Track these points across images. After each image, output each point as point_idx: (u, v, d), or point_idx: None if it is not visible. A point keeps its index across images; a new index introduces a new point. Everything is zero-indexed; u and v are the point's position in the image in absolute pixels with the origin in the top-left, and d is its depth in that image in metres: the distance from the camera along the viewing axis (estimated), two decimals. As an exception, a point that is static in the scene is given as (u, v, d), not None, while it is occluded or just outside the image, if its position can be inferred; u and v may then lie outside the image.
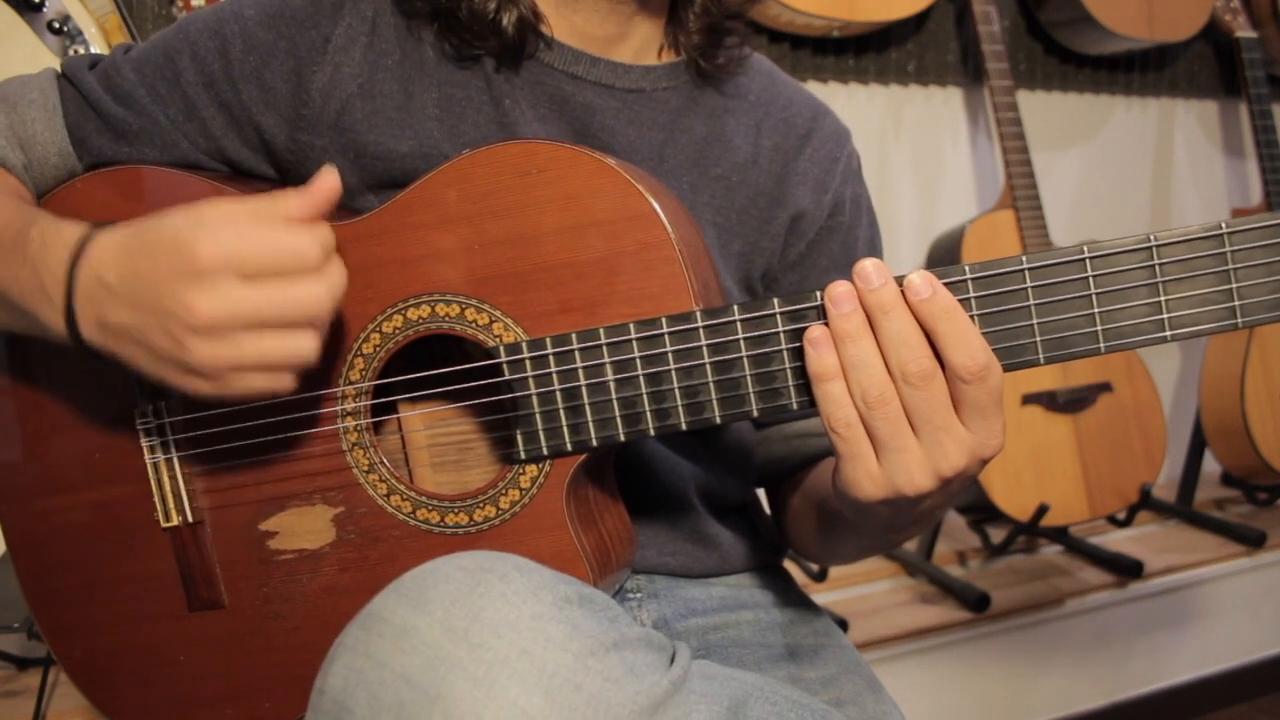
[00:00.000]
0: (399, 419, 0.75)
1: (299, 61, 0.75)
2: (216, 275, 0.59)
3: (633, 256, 0.65)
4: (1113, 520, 1.92)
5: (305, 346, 0.61)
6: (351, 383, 0.71)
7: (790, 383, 0.63)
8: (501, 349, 0.67)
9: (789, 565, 1.01)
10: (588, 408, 0.66)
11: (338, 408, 0.71)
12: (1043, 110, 2.15)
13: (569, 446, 0.67)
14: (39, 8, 1.24)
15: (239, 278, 0.59)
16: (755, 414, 0.64)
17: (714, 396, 0.64)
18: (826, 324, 0.60)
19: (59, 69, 0.80)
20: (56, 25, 1.24)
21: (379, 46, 0.76)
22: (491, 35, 0.75)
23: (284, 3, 0.76)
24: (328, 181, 0.63)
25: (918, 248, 2.05)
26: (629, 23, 0.79)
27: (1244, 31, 2.07)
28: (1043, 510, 1.75)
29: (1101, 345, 0.60)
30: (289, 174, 0.79)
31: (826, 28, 1.80)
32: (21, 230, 0.67)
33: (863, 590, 1.82)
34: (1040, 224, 1.83)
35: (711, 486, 0.84)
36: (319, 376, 0.71)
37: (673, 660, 0.56)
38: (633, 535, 0.76)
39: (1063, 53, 2.13)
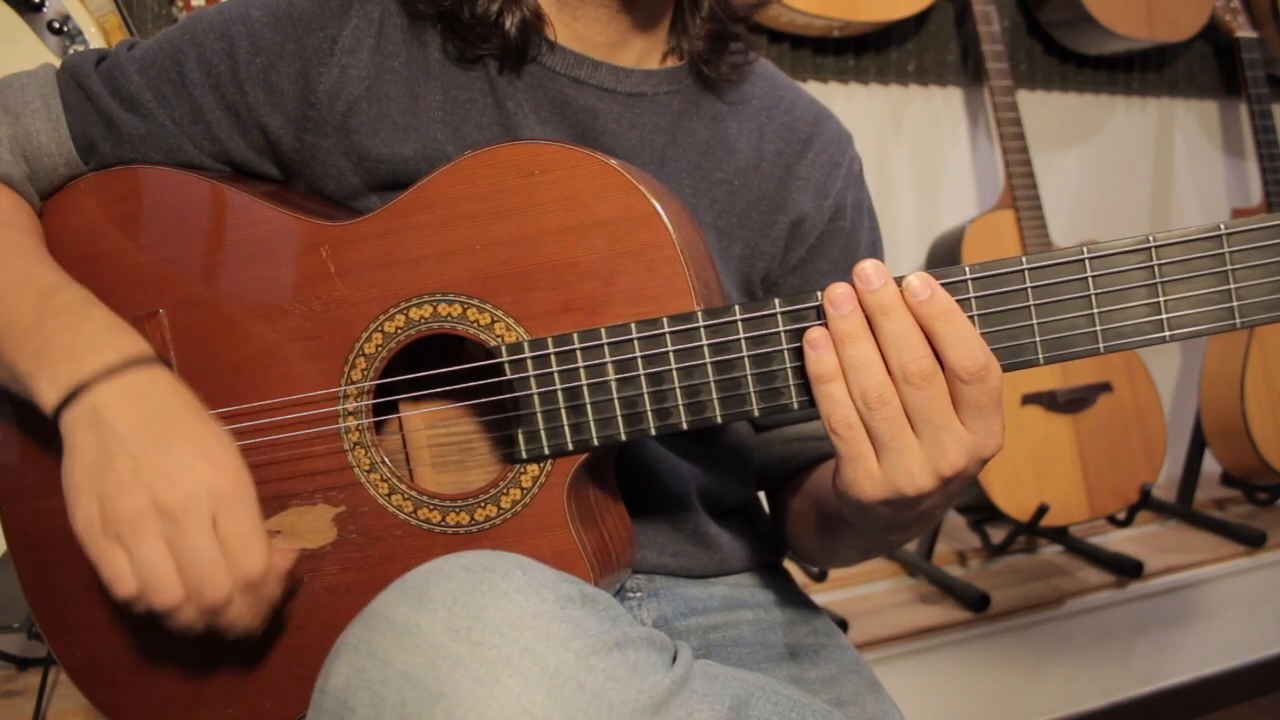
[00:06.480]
0: (400, 418, 0.75)
1: (306, 63, 0.75)
2: (214, 499, 0.63)
3: (635, 257, 0.65)
4: (1113, 520, 1.92)
5: (165, 593, 0.62)
6: (353, 382, 0.71)
7: (791, 383, 0.63)
8: (503, 349, 0.67)
9: (789, 565, 1.01)
10: (589, 407, 0.66)
11: (339, 407, 0.71)
12: (1043, 110, 2.15)
13: (570, 446, 0.67)
14: (39, 8, 1.24)
15: (210, 518, 0.62)
16: (756, 414, 0.64)
17: (715, 396, 0.64)
18: (826, 325, 0.60)
19: (60, 66, 0.79)
20: (56, 25, 1.24)
21: (385, 48, 0.76)
22: (494, 37, 0.75)
23: (290, 4, 0.76)
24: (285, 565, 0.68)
25: (918, 248, 2.05)
26: (629, 31, 0.80)
27: (1244, 31, 2.08)
28: (1043, 510, 1.75)
29: (1101, 345, 0.60)
30: (293, 175, 0.79)
31: (826, 28, 1.81)
32: (82, 308, 0.69)
33: (863, 590, 1.82)
34: (1040, 224, 1.83)
35: (712, 487, 0.84)
36: (320, 376, 0.71)
37: (675, 659, 0.56)
38: (633, 535, 0.76)
39: (1063, 53, 2.13)
